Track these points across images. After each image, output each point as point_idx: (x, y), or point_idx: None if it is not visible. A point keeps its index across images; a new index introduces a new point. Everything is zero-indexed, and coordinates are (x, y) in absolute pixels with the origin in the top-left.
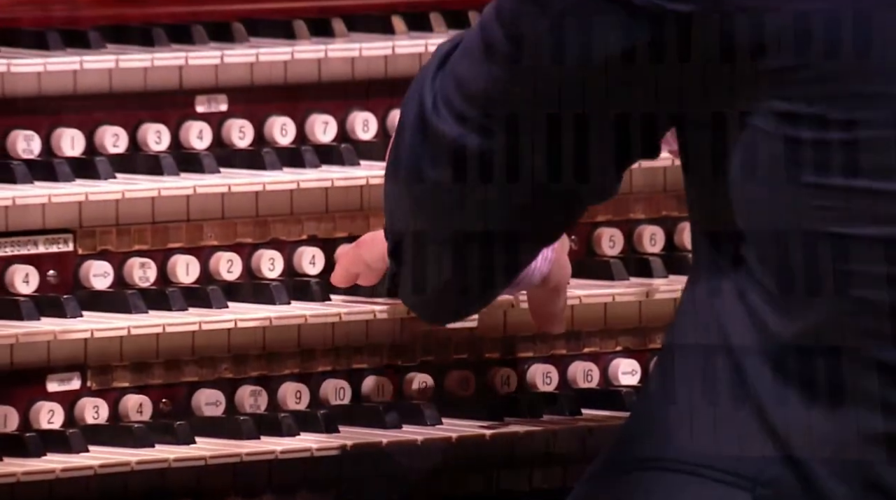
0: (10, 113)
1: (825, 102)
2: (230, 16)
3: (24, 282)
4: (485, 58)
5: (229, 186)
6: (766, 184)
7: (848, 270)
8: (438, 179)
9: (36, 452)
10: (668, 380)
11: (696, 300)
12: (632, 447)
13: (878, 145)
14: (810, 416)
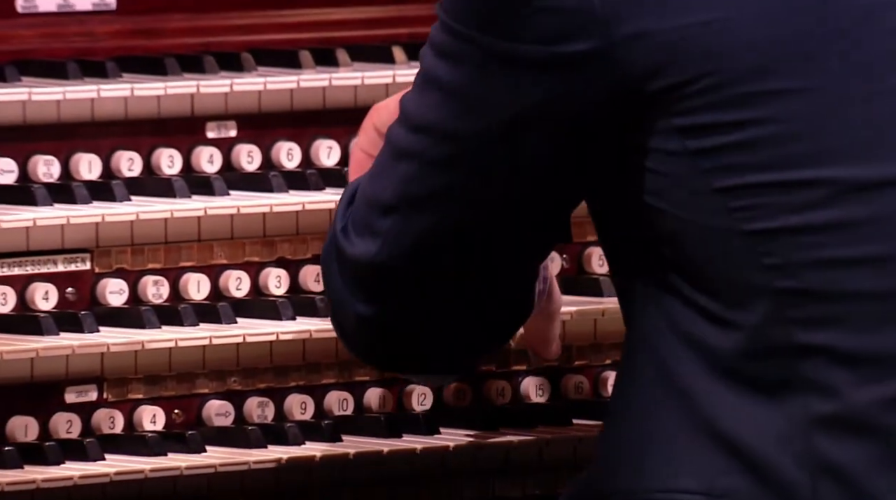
0: (31, 139)
1: (719, 108)
2: (239, 46)
3: (43, 299)
4: (394, 162)
5: (238, 207)
6: (682, 201)
7: (772, 264)
8: (369, 312)
9: (55, 460)
10: (620, 417)
11: (633, 343)
12: (594, 483)
13: (776, 139)
14: (760, 413)
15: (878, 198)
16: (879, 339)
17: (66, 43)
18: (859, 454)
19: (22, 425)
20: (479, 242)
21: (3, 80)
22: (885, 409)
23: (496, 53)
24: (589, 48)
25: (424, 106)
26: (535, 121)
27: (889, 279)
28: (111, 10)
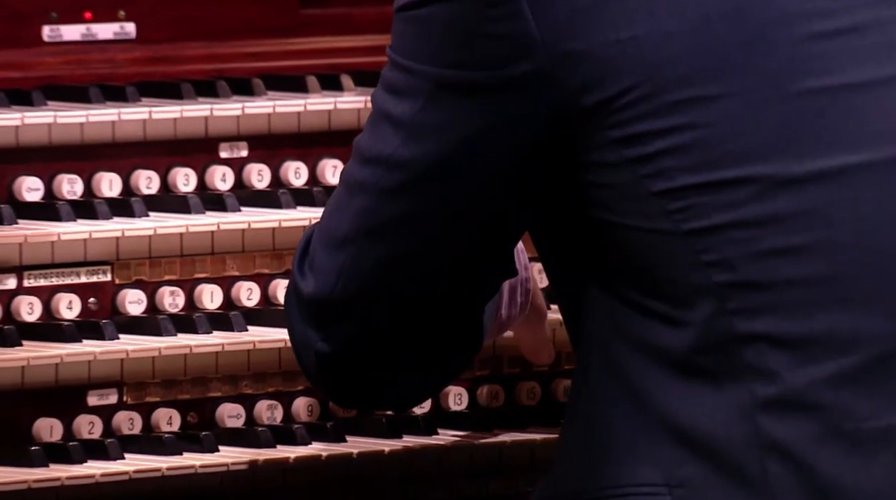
0: (55, 159)
1: (650, 117)
2: (250, 72)
3: (67, 308)
4: (349, 197)
5: (249, 223)
6: (625, 210)
7: (710, 260)
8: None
9: (78, 459)
10: (578, 420)
11: (586, 350)
12: (557, 485)
13: (703, 143)
14: (709, 403)
15: (800, 192)
16: (811, 323)
17: (88, 69)
18: (801, 432)
19: (47, 426)
20: (431, 273)
21: (30, 104)
22: (822, 388)
23: (445, 82)
24: (530, 69)
25: (376, 139)
26: (483, 143)
27: (815, 266)
28: (131, 39)
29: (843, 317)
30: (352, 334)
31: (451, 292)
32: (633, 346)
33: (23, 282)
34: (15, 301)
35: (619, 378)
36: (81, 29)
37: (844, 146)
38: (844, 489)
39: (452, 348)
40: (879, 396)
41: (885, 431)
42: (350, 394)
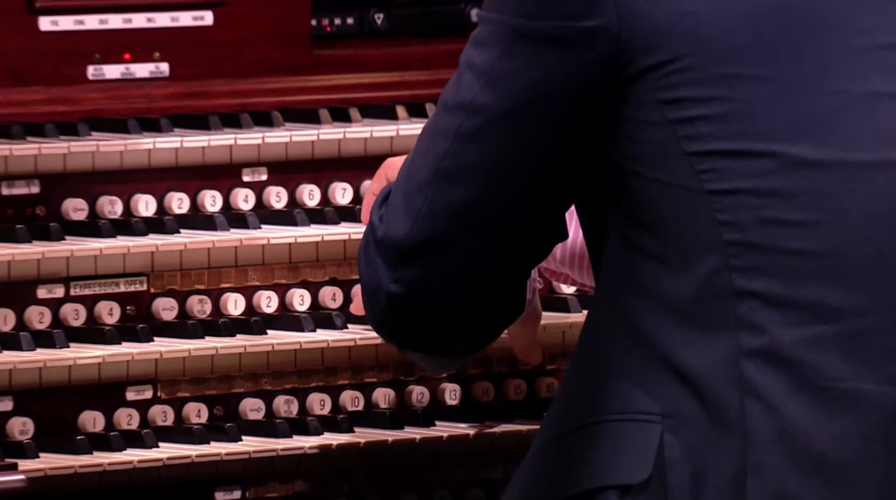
0: (98, 182)
1: (695, 85)
2: (270, 106)
3: (108, 314)
4: (429, 144)
5: (268, 239)
6: (657, 165)
7: (724, 219)
8: (402, 289)
9: (118, 447)
10: (585, 359)
11: (599, 294)
12: (560, 417)
13: (738, 115)
14: (703, 348)
15: (814, 174)
16: (803, 290)
17: (127, 104)
18: (777, 381)
19: (91, 418)
20: (498, 222)
21: (76, 134)
22: (802, 347)
23: (522, 32)
24: (598, 24)
25: (458, 87)
26: (551, 90)
27: (813, 242)
28: (165, 77)
29: (832, 290)
30: (421, 276)
31: (511, 246)
32: (640, 290)
33: (69, 291)
34: (63, 308)
35: (625, 319)
36: (121, 68)
37: (861, 144)
38: (807, 435)
39: (502, 304)
40: (851, 362)
41: (850, 392)
42: (410, 335)
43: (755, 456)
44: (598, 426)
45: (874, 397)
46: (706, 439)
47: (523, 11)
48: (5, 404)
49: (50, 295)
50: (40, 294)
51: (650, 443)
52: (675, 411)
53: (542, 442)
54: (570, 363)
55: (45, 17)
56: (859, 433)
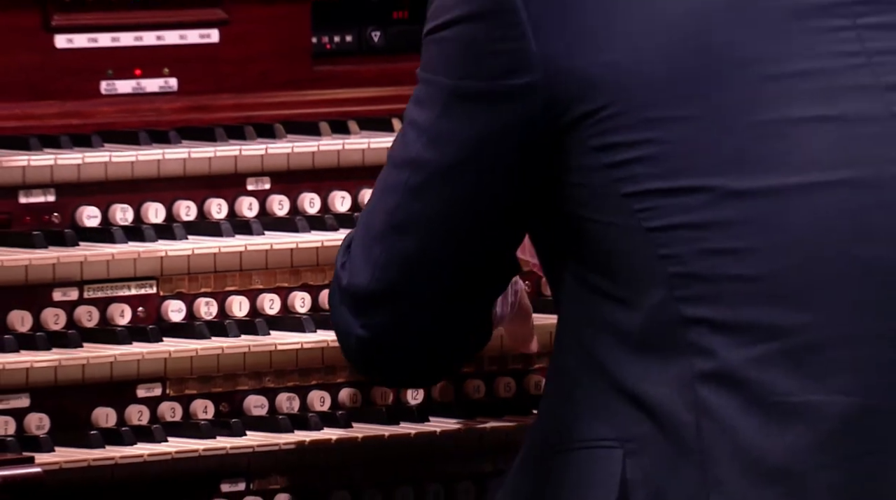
0: (111, 191)
1: (624, 130)
2: (273, 119)
3: (120, 316)
4: (382, 198)
5: (271, 244)
6: (599, 208)
7: (665, 254)
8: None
9: (129, 442)
10: (553, 388)
11: (562, 328)
12: (535, 443)
13: (667, 155)
14: (659, 374)
15: (744, 204)
16: (746, 313)
17: (138, 117)
18: (730, 401)
19: (103, 414)
20: (450, 266)
21: (90, 146)
22: (750, 366)
23: (457, 92)
24: (527, 81)
25: (403, 145)
26: (489, 144)
27: (750, 266)
28: (174, 92)
29: (772, 310)
30: (385, 320)
31: (467, 285)
32: (596, 325)
33: (83, 294)
34: (77, 310)
35: (585, 352)
36: (132, 83)
37: (783, 169)
38: (762, 449)
39: (468, 335)
40: (797, 377)
41: (800, 405)
42: (386, 373)
43: (714, 474)
44: (568, 455)
45: (824, 408)
46: (665, 461)
47: (457, 73)
48: (23, 400)
49: (65, 298)
50: (56, 297)
51: (614, 468)
52: (634, 436)
53: (514, 469)
54: (546, 381)
55: (61, 35)
56: (811, 444)
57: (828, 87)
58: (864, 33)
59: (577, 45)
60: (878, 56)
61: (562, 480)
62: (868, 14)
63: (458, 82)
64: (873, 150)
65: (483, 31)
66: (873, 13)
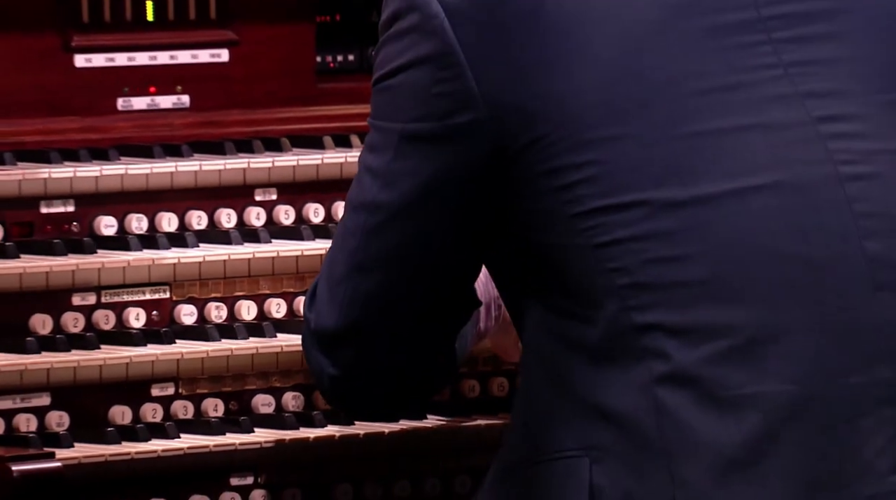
0: (127, 202)
1: (566, 154)
2: (279, 133)
3: (135, 319)
4: (343, 242)
5: (278, 252)
6: (550, 229)
7: (614, 267)
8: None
9: (144, 438)
10: (520, 404)
11: (526, 346)
12: (505, 456)
13: (606, 174)
14: (618, 382)
15: (681, 213)
16: (692, 315)
17: (152, 132)
18: (686, 399)
19: (120, 412)
20: (411, 302)
21: (107, 159)
22: (702, 365)
23: (407, 134)
24: (471, 119)
25: (360, 190)
26: (441, 181)
27: (692, 271)
28: (186, 108)
29: (717, 311)
30: (354, 356)
31: (429, 318)
32: (557, 341)
33: (101, 299)
34: (95, 314)
35: (548, 368)
36: (147, 100)
37: (714, 177)
38: (719, 443)
39: (434, 366)
40: (745, 371)
41: (751, 397)
42: (359, 407)
43: (679, 473)
44: (538, 467)
45: (772, 398)
46: (631, 465)
47: (406, 116)
48: (44, 399)
49: (83, 302)
50: (75, 301)
51: (582, 476)
52: (599, 444)
53: (494, 476)
54: (516, 397)
55: (80, 55)
56: (763, 433)
57: (750, 98)
58: (779, 46)
59: (515, 81)
60: (794, 67)
61: (533, 493)
62: (781, 28)
63: (407, 125)
64: (798, 153)
65: (426, 76)
66: (786, 27)
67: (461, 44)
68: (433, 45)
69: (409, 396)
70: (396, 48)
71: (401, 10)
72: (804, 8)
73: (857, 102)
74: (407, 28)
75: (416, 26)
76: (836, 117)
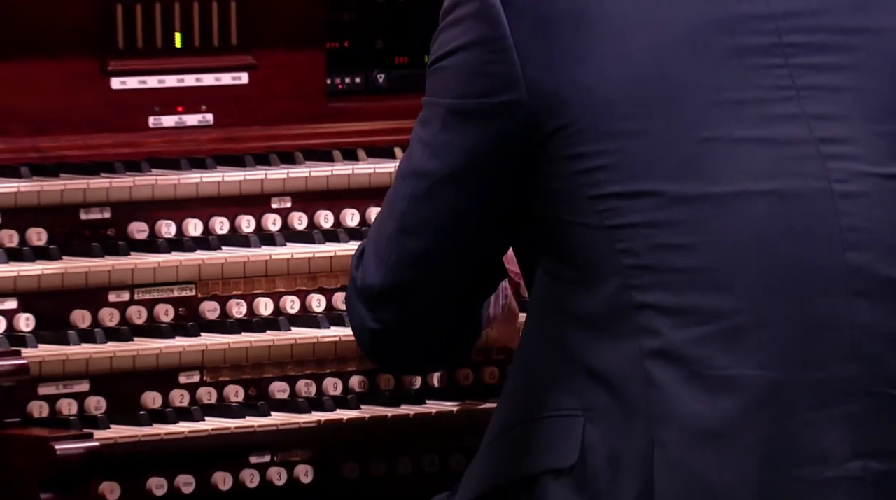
0: (157, 209)
1: (590, 141)
2: (293, 148)
3: (164, 314)
4: (392, 205)
5: (292, 254)
6: (568, 208)
7: (622, 248)
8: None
9: (172, 420)
10: (522, 366)
11: (531, 313)
12: (503, 415)
13: (625, 163)
14: (613, 352)
15: (690, 206)
16: (688, 299)
17: (180, 146)
18: (673, 374)
19: (151, 397)
20: (450, 266)
21: (139, 171)
22: (690, 345)
23: (454, 109)
24: (512, 99)
25: (410, 159)
26: (481, 154)
27: (692, 260)
28: (210, 125)
29: (709, 297)
30: (395, 315)
31: (464, 284)
32: (561, 310)
33: (134, 296)
34: (129, 310)
35: (551, 333)
36: (175, 118)
37: (725, 180)
38: (698, 415)
39: (463, 329)
40: (730, 354)
41: (731, 378)
42: (394, 361)
43: (658, 436)
44: (534, 423)
45: (749, 381)
46: (618, 426)
47: (453, 93)
48: (83, 385)
49: (118, 299)
50: (111, 298)
51: (575, 433)
52: (593, 406)
53: (491, 436)
54: (512, 366)
55: (116, 78)
56: (738, 410)
57: (762, 113)
58: (794, 71)
59: (555, 70)
60: (805, 90)
61: (530, 446)
62: (798, 55)
63: (454, 101)
64: (797, 167)
65: (477, 57)
66: (803, 54)
67: (512, 31)
68: (487, 29)
69: (439, 352)
70: (454, 33)
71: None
72: (822, 40)
73: (854, 127)
74: (465, 14)
75: (474, 13)
76: (836, 139)
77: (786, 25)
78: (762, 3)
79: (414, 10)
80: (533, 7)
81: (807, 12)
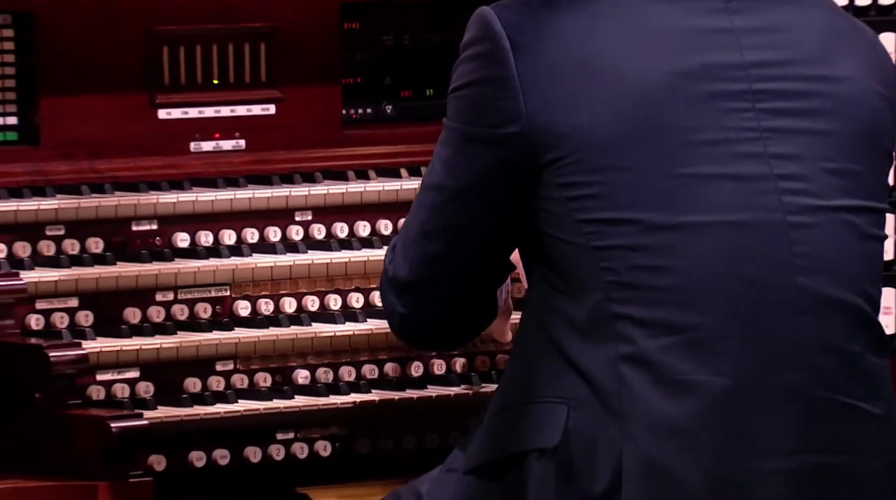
0: (196, 222)
1: (581, 173)
2: (313, 169)
3: (203, 312)
4: (416, 212)
5: (312, 260)
6: (560, 229)
7: (604, 266)
8: (407, 310)
9: (210, 403)
10: (515, 359)
11: (526, 314)
12: (497, 402)
13: (610, 193)
14: (595, 353)
15: (666, 233)
16: (659, 313)
17: (216, 168)
18: (643, 377)
19: (192, 383)
20: (464, 265)
21: (181, 189)
22: (658, 352)
23: (467, 135)
24: (515, 130)
25: (431, 174)
26: (487, 176)
27: (665, 280)
28: (242, 150)
29: (677, 312)
30: (420, 303)
31: (476, 279)
32: (553, 312)
33: (177, 296)
34: (172, 308)
35: (544, 330)
36: (213, 144)
37: (694, 211)
38: (663, 413)
39: (479, 313)
40: (691, 362)
41: (692, 382)
42: (421, 340)
43: (628, 430)
44: (525, 407)
45: (708, 385)
46: (597, 417)
47: (467, 121)
48: (134, 372)
49: (164, 299)
50: (158, 298)
51: (559, 418)
52: (576, 397)
53: (489, 414)
54: (511, 353)
55: (162, 110)
56: (698, 411)
57: (729, 152)
58: (760, 115)
59: (554, 110)
60: (768, 132)
61: (521, 425)
62: (765, 100)
63: (467, 128)
64: (758, 200)
65: (489, 92)
66: (768, 100)
67: (519, 72)
68: (499, 69)
69: (459, 333)
70: (470, 67)
71: (477, 37)
72: (786, 87)
73: (809, 166)
74: (480, 53)
75: (487, 53)
76: (792, 176)
77: (756, 74)
78: (737, 54)
79: (417, 53)
80: (539, 52)
81: (774, 62)
